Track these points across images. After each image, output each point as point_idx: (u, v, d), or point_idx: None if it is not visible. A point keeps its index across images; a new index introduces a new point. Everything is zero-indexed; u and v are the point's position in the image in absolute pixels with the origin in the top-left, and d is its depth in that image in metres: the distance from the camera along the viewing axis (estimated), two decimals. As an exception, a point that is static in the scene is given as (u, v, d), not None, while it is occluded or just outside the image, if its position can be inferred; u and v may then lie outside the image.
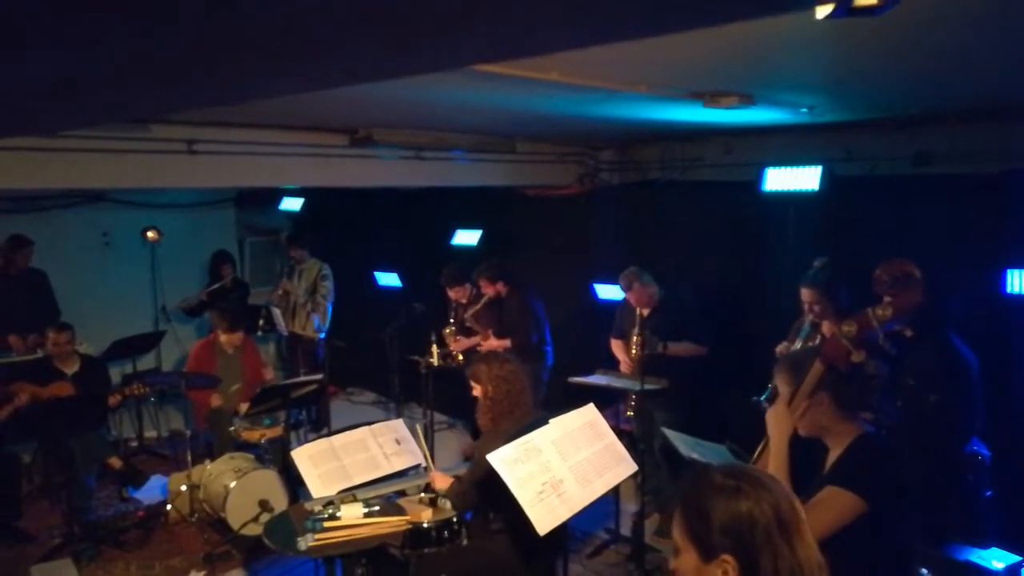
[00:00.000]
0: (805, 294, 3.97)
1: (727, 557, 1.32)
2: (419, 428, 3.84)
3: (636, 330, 4.70)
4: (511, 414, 3.40)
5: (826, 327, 3.91)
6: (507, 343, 5.55)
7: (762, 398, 3.75)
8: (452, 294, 6.02)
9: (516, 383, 3.45)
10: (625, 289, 4.79)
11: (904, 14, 1.76)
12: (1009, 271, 3.83)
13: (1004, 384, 3.83)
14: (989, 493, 3.56)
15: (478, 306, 5.74)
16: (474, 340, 5.86)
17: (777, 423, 2.30)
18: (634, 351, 4.72)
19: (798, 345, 4.02)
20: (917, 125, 4.56)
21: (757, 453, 2.47)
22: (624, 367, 4.86)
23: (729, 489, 1.34)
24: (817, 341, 3.90)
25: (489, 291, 5.67)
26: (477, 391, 3.48)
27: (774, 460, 2.23)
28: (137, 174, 4.50)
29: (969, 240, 4.11)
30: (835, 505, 2.06)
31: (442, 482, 3.44)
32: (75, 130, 3.87)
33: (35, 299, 5.98)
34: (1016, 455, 3.75)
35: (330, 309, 7.07)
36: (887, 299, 2.27)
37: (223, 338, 5.64)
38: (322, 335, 6.96)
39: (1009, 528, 3.53)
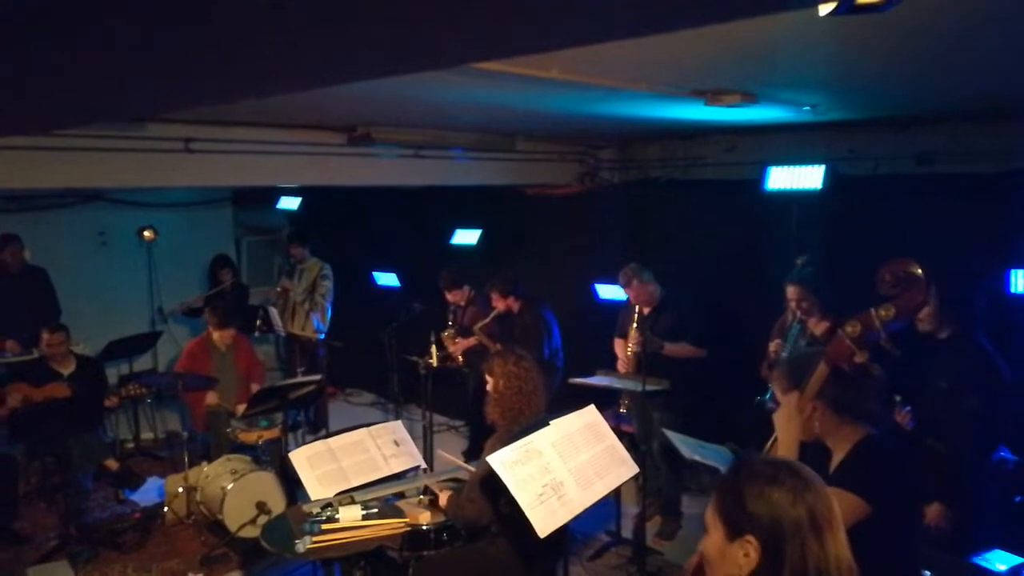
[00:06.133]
0: (791, 292, 4.04)
1: (750, 538, 1.33)
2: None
3: (634, 327, 4.68)
4: (521, 413, 3.33)
5: (812, 323, 3.98)
6: None
7: (766, 397, 3.73)
8: (450, 297, 5.97)
9: (528, 383, 3.37)
10: (624, 286, 4.76)
11: (906, 12, 1.74)
12: (1013, 271, 3.82)
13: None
14: (1019, 499, 3.52)
15: (487, 320, 5.54)
16: (473, 340, 5.82)
17: (787, 424, 2.27)
18: (630, 348, 4.69)
19: (789, 345, 4.01)
20: (920, 124, 4.55)
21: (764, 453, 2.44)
22: (620, 366, 4.82)
23: (767, 475, 1.36)
24: (808, 340, 3.94)
25: (500, 305, 5.48)
26: (489, 384, 3.44)
27: None
28: (133, 173, 4.47)
29: (973, 240, 4.09)
30: (839, 508, 2.04)
31: (445, 500, 3.35)
32: (70, 128, 3.84)
33: (35, 297, 5.93)
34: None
35: (329, 309, 7.03)
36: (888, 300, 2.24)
37: (215, 335, 5.64)
38: (321, 335, 6.92)
39: (1013, 529, 3.50)
